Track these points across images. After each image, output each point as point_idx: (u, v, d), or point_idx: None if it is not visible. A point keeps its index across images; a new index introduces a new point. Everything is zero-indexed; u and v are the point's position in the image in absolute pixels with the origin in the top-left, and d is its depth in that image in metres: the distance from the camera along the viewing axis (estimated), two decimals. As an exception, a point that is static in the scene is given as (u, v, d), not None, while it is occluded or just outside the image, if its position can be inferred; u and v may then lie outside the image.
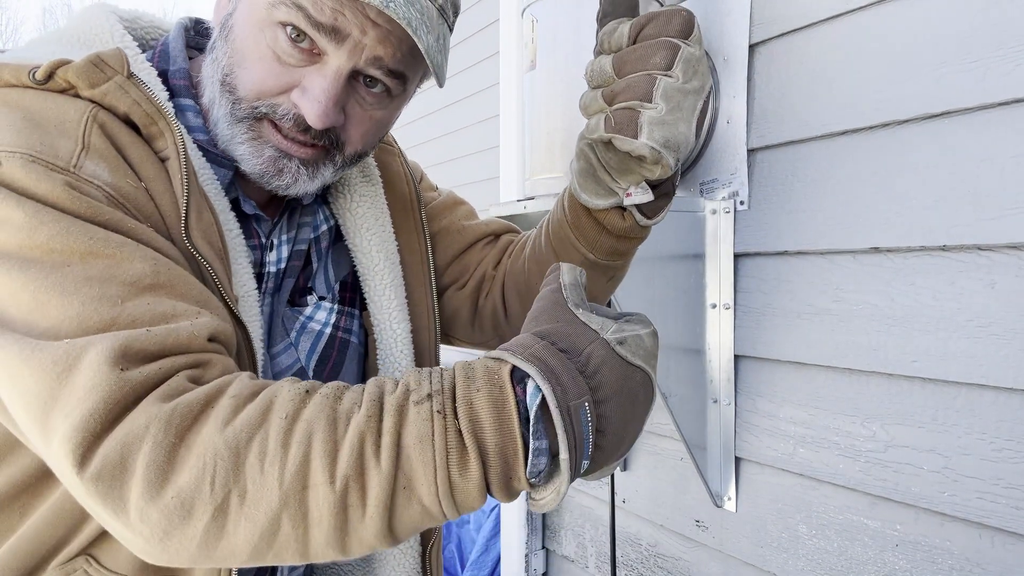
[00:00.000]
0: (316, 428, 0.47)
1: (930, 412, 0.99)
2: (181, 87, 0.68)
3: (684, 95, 0.58)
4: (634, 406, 0.53)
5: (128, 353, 0.48)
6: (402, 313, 0.80)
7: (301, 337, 0.75)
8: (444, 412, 0.48)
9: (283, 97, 0.62)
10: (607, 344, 0.52)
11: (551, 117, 1.17)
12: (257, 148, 0.64)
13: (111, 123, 0.57)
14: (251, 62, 0.62)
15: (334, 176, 0.70)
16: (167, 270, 0.53)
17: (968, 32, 0.91)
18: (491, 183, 3.08)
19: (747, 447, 1.25)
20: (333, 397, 0.50)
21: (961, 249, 0.94)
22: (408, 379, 0.51)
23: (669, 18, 0.58)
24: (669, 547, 1.47)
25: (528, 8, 1.19)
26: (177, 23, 0.73)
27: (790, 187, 1.15)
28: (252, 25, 0.61)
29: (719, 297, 1.26)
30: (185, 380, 0.50)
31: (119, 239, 0.52)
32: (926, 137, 0.97)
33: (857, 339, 1.06)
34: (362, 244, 0.80)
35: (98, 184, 0.54)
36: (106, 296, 0.50)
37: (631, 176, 0.64)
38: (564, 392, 0.48)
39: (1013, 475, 0.90)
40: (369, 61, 0.62)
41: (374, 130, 0.69)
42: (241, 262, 0.66)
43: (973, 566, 0.95)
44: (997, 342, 0.90)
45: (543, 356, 0.49)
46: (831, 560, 1.13)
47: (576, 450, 0.48)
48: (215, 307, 0.57)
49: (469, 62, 3.27)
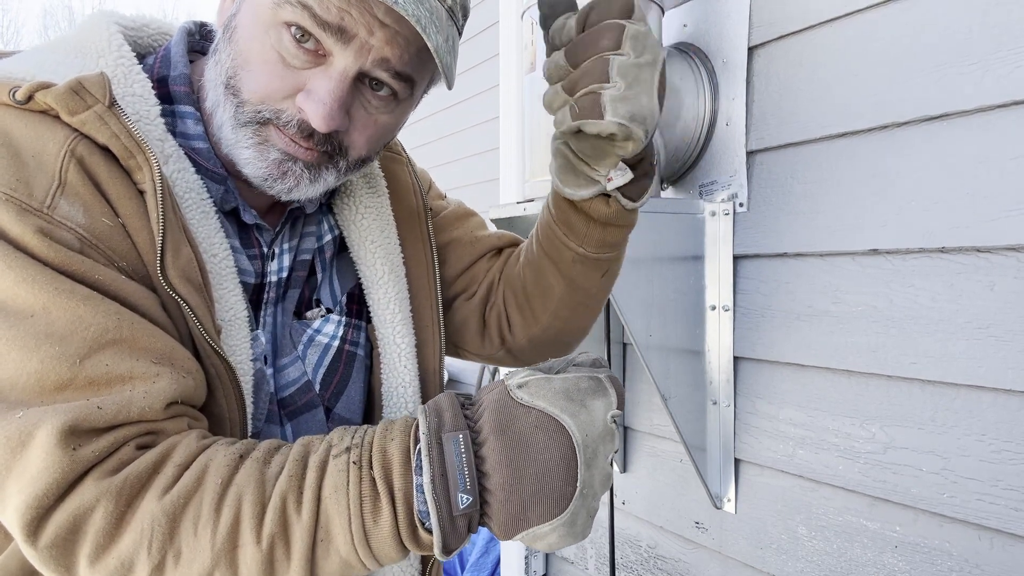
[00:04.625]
0: (245, 492, 0.51)
1: (929, 413, 0.99)
2: (181, 93, 0.67)
3: (639, 68, 0.58)
4: (527, 447, 0.51)
5: (78, 431, 0.50)
6: (406, 327, 0.79)
7: (308, 350, 0.75)
8: (360, 463, 0.51)
9: (288, 102, 0.61)
10: (504, 390, 0.54)
11: (551, 119, 1.17)
12: (262, 152, 0.63)
13: (90, 156, 0.56)
14: (255, 64, 0.61)
15: (336, 181, 0.69)
16: (130, 324, 0.54)
17: (966, 35, 0.92)
18: (491, 184, 3.09)
19: (747, 448, 1.25)
20: (263, 461, 0.53)
21: (960, 251, 0.94)
22: (333, 436, 0.55)
23: (608, 3, 0.59)
24: (668, 548, 1.47)
25: (528, 10, 1.19)
26: (181, 27, 0.72)
27: (789, 189, 1.15)
28: (256, 26, 0.60)
29: (718, 299, 1.27)
30: (133, 449, 0.53)
31: (84, 292, 0.53)
32: (925, 139, 0.97)
33: (856, 341, 1.06)
34: (366, 256, 0.79)
35: (71, 226, 0.54)
36: (65, 355, 0.51)
37: (608, 160, 0.64)
38: (440, 423, 0.52)
39: (1012, 476, 0.90)
40: (376, 63, 0.61)
41: (379, 135, 0.68)
42: (228, 286, 0.65)
43: (972, 567, 0.95)
44: (996, 343, 0.91)
45: (440, 401, 0.54)
46: (830, 561, 1.13)
47: (444, 479, 0.50)
48: (180, 358, 0.57)
49: (469, 64, 3.28)
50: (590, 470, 0.52)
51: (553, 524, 0.51)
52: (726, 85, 1.23)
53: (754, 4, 1.18)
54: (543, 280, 0.80)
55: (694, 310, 1.28)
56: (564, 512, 0.51)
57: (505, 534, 0.52)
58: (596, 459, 0.52)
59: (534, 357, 0.91)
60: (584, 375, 0.54)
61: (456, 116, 3.45)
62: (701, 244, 1.27)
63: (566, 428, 0.51)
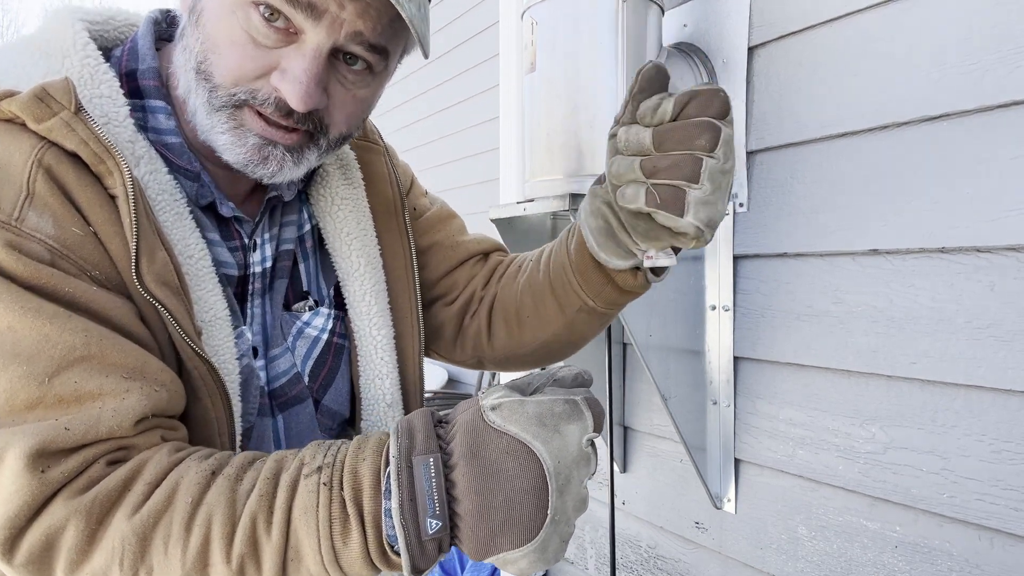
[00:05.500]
0: (216, 511, 0.51)
1: (929, 413, 0.99)
2: (151, 88, 0.65)
3: (723, 175, 0.59)
4: (498, 474, 0.49)
5: (46, 453, 0.50)
6: (383, 319, 0.79)
7: (298, 342, 0.75)
8: (331, 484, 0.51)
9: (262, 81, 0.60)
10: (478, 411, 0.52)
11: (551, 119, 1.17)
12: (240, 137, 0.62)
13: (58, 164, 0.55)
14: (225, 46, 0.59)
15: (319, 160, 0.68)
16: (98, 340, 0.53)
17: (966, 35, 0.92)
18: (491, 185, 3.09)
19: (747, 449, 1.25)
20: (234, 478, 0.53)
21: (960, 251, 0.94)
22: (305, 453, 0.54)
23: (710, 99, 0.59)
24: (669, 549, 1.47)
25: (528, 10, 1.19)
26: (147, 17, 0.70)
27: (789, 189, 1.15)
28: (223, 7, 0.59)
29: (719, 299, 1.27)
30: (103, 466, 0.53)
31: (52, 309, 0.52)
32: (925, 139, 0.97)
33: (856, 341, 1.06)
34: (341, 248, 0.78)
35: (40, 238, 0.53)
36: (33, 374, 0.51)
37: (658, 243, 0.64)
38: (411, 445, 0.51)
39: (1012, 476, 0.90)
40: (349, 36, 0.59)
41: (358, 110, 0.67)
42: (206, 286, 0.64)
43: (972, 567, 0.95)
44: (996, 343, 0.91)
45: (413, 419, 0.53)
46: (830, 561, 1.13)
47: (413, 504, 0.49)
48: (152, 371, 0.56)
49: (469, 64, 3.28)
50: (562, 497, 0.50)
51: (523, 551, 0.50)
52: (726, 85, 1.23)
53: (754, 4, 1.18)
54: (543, 313, 0.80)
55: (694, 310, 1.28)
56: (534, 540, 0.50)
57: (475, 557, 0.51)
58: (569, 485, 0.51)
59: (505, 368, 0.91)
60: (559, 398, 0.52)
61: (456, 116, 3.45)
62: (701, 244, 1.28)
63: (537, 455, 0.50)
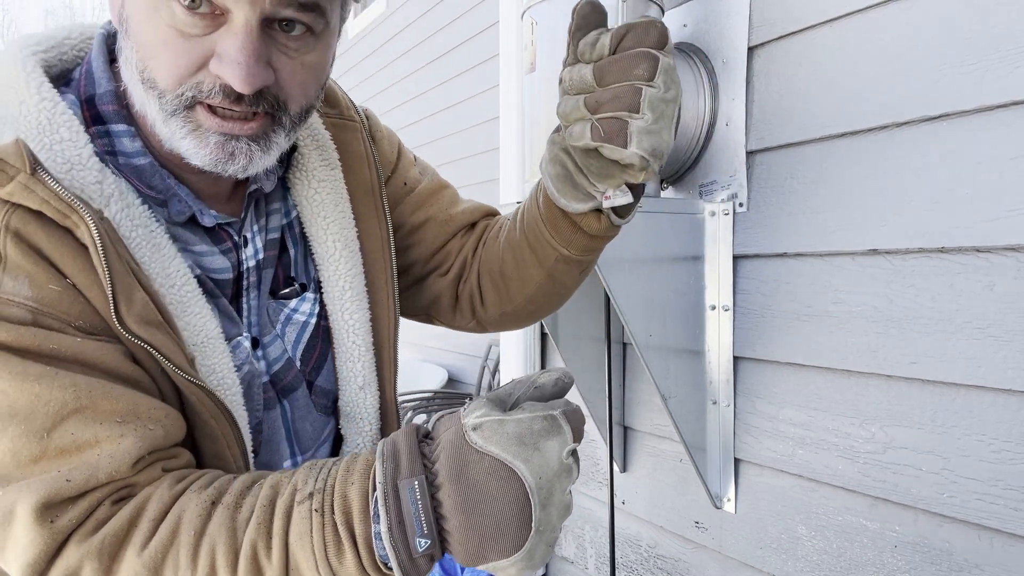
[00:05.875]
0: (218, 541, 0.54)
1: (929, 413, 0.99)
2: (110, 112, 0.65)
3: (666, 104, 0.59)
4: (482, 495, 0.51)
5: (52, 504, 0.54)
6: (359, 303, 0.79)
7: (287, 328, 0.76)
8: (322, 509, 0.53)
9: (203, 72, 0.58)
10: (460, 430, 0.53)
11: (551, 119, 1.17)
12: (200, 139, 0.61)
13: (25, 226, 0.56)
14: (158, 48, 0.58)
15: (288, 140, 0.66)
16: (88, 392, 0.56)
17: (966, 35, 0.92)
18: (491, 184, 3.09)
19: (746, 448, 1.25)
20: (233, 506, 0.55)
21: (960, 251, 0.94)
22: (298, 478, 0.56)
23: (647, 30, 0.59)
24: (668, 548, 1.47)
25: (528, 10, 1.19)
26: (98, 34, 0.67)
27: (789, 189, 1.15)
28: (145, 9, 0.58)
29: (718, 299, 1.27)
30: (109, 506, 0.55)
31: (38, 370, 0.54)
32: (925, 139, 0.97)
33: (856, 341, 1.06)
34: (318, 232, 0.78)
35: (19, 301, 0.55)
36: (32, 431, 0.54)
37: (612, 180, 0.64)
38: (396, 469, 0.52)
39: (1012, 476, 0.90)
40: (275, 2, 0.57)
41: (312, 77, 0.65)
42: (194, 310, 0.65)
43: (972, 567, 0.95)
44: (996, 343, 0.91)
45: (397, 439, 0.54)
46: (830, 561, 1.13)
47: (402, 526, 0.51)
48: (144, 411, 0.58)
49: (469, 64, 3.28)
50: (546, 509, 0.52)
51: (511, 560, 0.52)
52: (726, 85, 1.23)
53: (754, 4, 1.18)
54: (523, 268, 0.82)
55: (694, 310, 1.28)
56: (521, 550, 0.51)
57: (466, 565, 0.53)
58: (551, 498, 0.52)
59: (503, 327, 0.94)
60: (538, 415, 0.53)
61: (456, 116, 3.45)
62: (701, 244, 1.27)
63: (519, 475, 0.51)
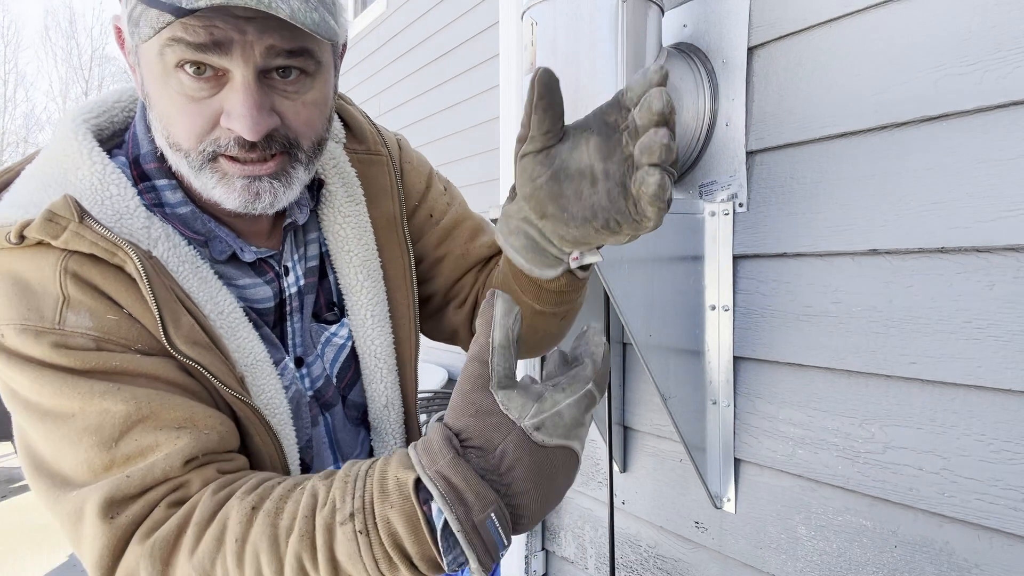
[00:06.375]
0: (261, 549, 0.57)
1: (928, 413, 0.99)
2: (152, 170, 0.73)
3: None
4: (552, 482, 0.56)
5: (114, 502, 0.60)
6: (383, 328, 0.85)
7: (326, 349, 0.83)
8: (366, 531, 0.55)
9: (218, 130, 0.65)
10: (523, 434, 0.55)
11: (551, 119, 1.17)
12: (228, 185, 0.67)
13: (82, 267, 0.64)
14: (175, 116, 0.65)
15: (309, 173, 0.72)
16: (147, 403, 0.63)
17: (966, 35, 0.92)
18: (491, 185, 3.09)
19: (746, 448, 1.25)
20: (274, 513, 0.59)
21: (959, 251, 0.94)
22: (335, 493, 0.58)
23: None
24: (668, 548, 1.47)
25: (528, 11, 1.19)
26: (139, 102, 0.76)
27: (789, 189, 1.15)
28: (158, 83, 0.64)
29: (718, 299, 1.27)
30: (165, 508, 0.61)
31: (103, 387, 0.62)
32: (924, 139, 0.97)
33: (856, 341, 1.06)
34: (342, 265, 0.84)
35: (82, 332, 0.63)
36: (102, 441, 0.61)
37: (587, 245, 0.67)
38: (468, 510, 0.53)
39: (1011, 476, 0.90)
40: (265, 54, 0.62)
41: (315, 113, 0.70)
42: (242, 335, 0.72)
43: (972, 567, 0.95)
44: (995, 344, 0.91)
45: (446, 472, 0.54)
46: (830, 561, 1.13)
47: (488, 554, 0.54)
48: (200, 418, 0.65)
49: (469, 64, 3.28)
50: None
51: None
52: (726, 85, 1.23)
53: (754, 4, 1.18)
54: None
55: (694, 310, 1.28)
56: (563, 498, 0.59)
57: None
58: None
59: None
60: (580, 395, 0.57)
61: (456, 116, 3.45)
62: (701, 244, 1.28)
63: (575, 452, 0.58)
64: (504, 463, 0.54)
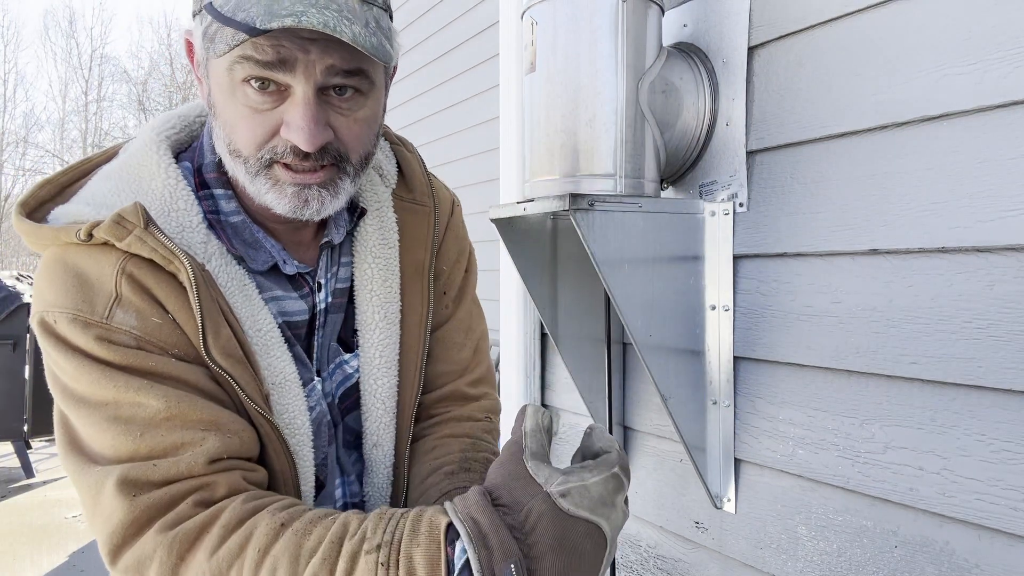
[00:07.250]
0: (280, 564, 0.59)
1: (929, 414, 0.99)
2: (212, 179, 0.79)
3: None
4: (577, 557, 0.57)
5: (137, 482, 0.64)
6: (389, 370, 0.88)
7: (336, 371, 0.87)
8: (388, 564, 0.57)
9: (276, 139, 0.70)
10: (548, 498, 0.58)
11: (551, 119, 1.17)
12: (280, 191, 0.72)
13: (138, 270, 0.69)
14: (239, 124, 0.70)
15: (355, 186, 0.77)
16: (177, 403, 0.67)
17: (966, 35, 0.92)
18: (491, 185, 3.09)
19: (746, 448, 1.25)
20: (302, 533, 0.61)
21: (960, 251, 0.94)
22: (367, 525, 0.61)
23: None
24: (669, 548, 1.47)
25: (528, 10, 1.19)
26: (209, 115, 0.80)
27: (789, 189, 1.15)
28: (225, 94, 0.69)
29: (718, 299, 1.27)
30: (191, 506, 0.64)
31: (138, 383, 0.66)
32: (925, 139, 0.97)
33: (856, 341, 1.06)
34: (362, 303, 0.87)
35: (126, 329, 0.67)
36: (129, 432, 0.65)
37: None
38: (490, 555, 0.55)
39: (1012, 476, 0.90)
40: (325, 73, 0.67)
41: (366, 130, 0.75)
42: (275, 353, 0.76)
43: (972, 567, 0.95)
44: (996, 344, 0.91)
45: (477, 516, 0.58)
46: (830, 561, 1.13)
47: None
48: (225, 422, 0.68)
49: (469, 64, 3.28)
50: (612, 547, 0.60)
51: None
52: (726, 85, 1.23)
53: (754, 4, 1.18)
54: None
55: (694, 310, 1.28)
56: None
57: None
58: (617, 538, 0.61)
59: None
60: (608, 475, 0.61)
61: (456, 116, 3.45)
62: (701, 244, 1.27)
63: (603, 531, 0.59)
64: (528, 522, 0.58)
